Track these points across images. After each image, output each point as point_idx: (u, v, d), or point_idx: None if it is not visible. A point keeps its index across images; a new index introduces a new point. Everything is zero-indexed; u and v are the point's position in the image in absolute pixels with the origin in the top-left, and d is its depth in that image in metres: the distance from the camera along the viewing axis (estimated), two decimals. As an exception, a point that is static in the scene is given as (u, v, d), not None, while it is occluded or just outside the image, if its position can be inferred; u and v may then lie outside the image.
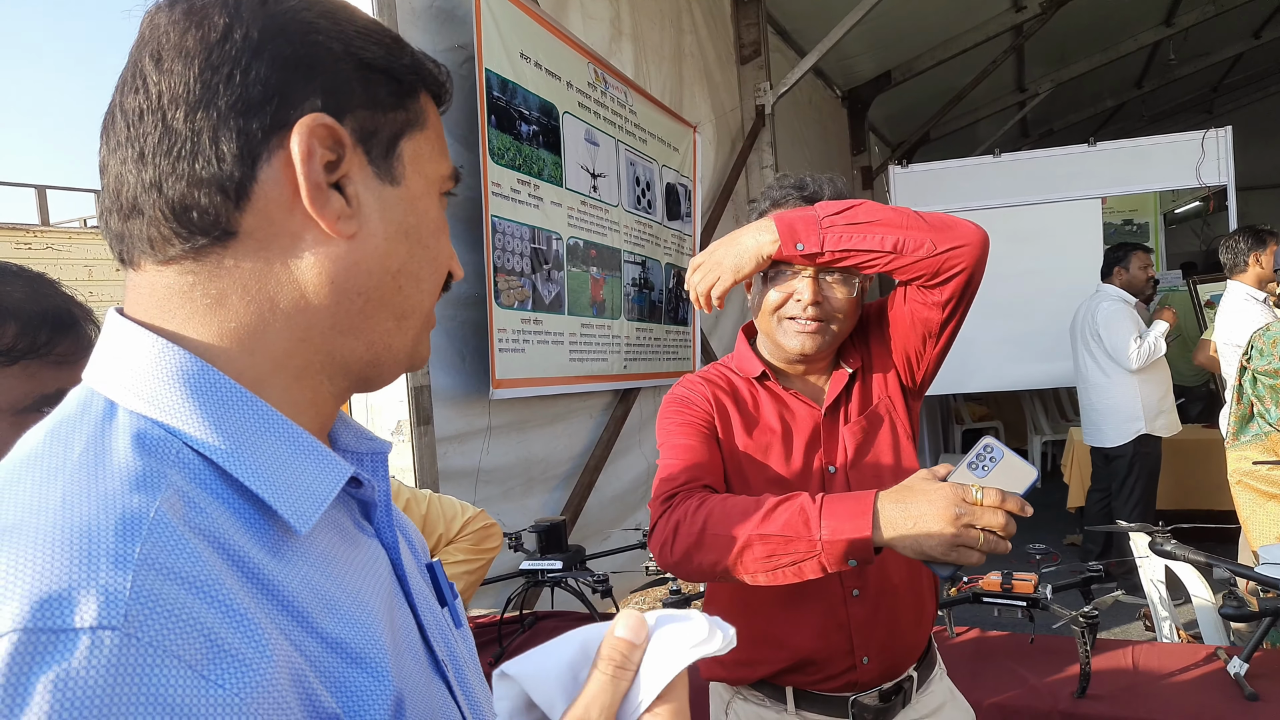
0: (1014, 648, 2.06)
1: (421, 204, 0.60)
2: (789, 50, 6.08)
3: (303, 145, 0.53)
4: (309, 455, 0.55)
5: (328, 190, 0.55)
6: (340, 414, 0.65)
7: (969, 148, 8.87)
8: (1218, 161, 5.54)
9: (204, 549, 0.47)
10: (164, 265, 0.55)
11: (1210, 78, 10.48)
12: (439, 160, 0.63)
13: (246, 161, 0.53)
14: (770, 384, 1.43)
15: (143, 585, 0.42)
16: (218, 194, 0.53)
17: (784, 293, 1.36)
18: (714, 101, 4.95)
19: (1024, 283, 5.68)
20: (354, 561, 0.59)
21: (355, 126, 0.56)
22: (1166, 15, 7.59)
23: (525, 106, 3.02)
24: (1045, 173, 5.86)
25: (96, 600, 0.41)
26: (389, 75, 0.59)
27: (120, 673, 0.40)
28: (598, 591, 2.23)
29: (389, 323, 0.59)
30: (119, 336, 0.54)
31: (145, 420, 0.51)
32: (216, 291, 0.54)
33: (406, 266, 0.59)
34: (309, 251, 0.55)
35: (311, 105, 0.54)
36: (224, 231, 0.54)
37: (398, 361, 0.62)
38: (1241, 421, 3.08)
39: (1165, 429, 4.48)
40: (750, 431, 1.40)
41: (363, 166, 0.57)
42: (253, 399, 0.54)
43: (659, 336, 4.13)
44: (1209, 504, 4.78)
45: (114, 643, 0.40)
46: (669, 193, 4.24)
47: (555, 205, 3.22)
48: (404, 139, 0.60)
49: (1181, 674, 1.82)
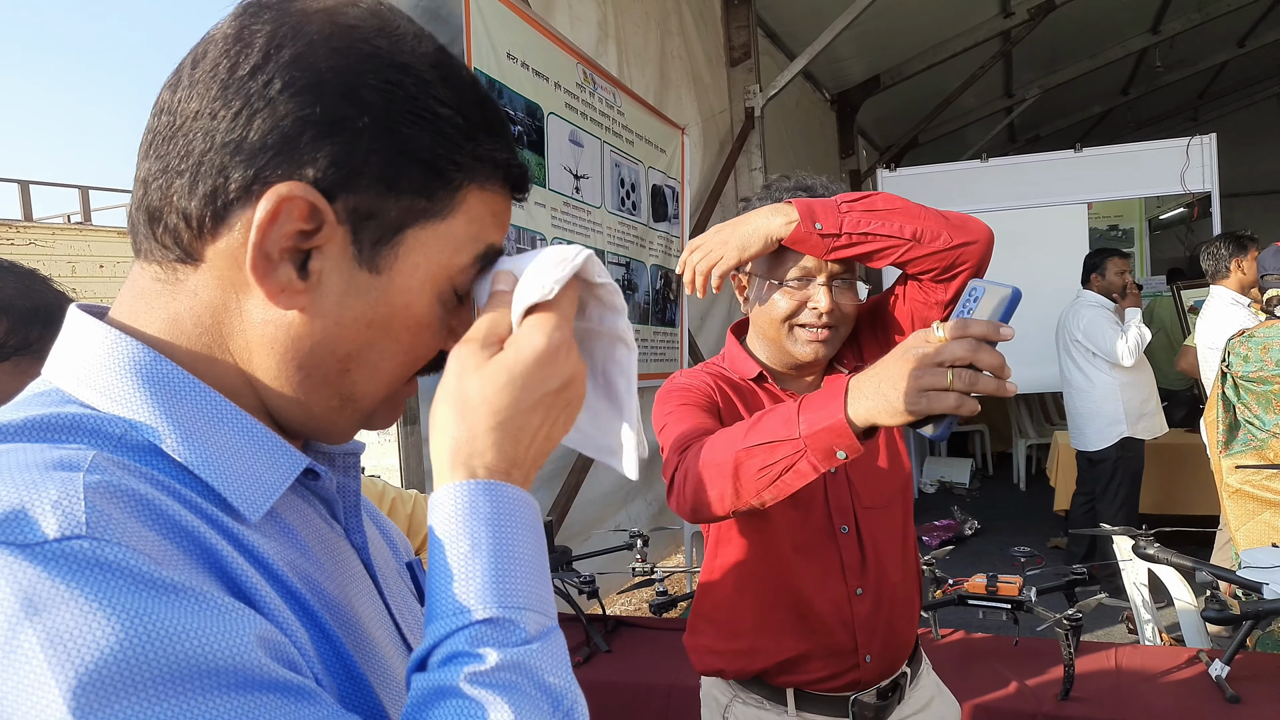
0: (999, 650, 2.06)
1: (403, 298, 0.55)
2: (778, 53, 6.09)
3: (266, 212, 0.50)
4: (260, 445, 0.54)
5: (280, 260, 0.51)
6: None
7: (957, 152, 8.92)
8: (1202, 168, 5.58)
9: (147, 485, 0.47)
10: (145, 264, 0.54)
11: (1195, 85, 10.57)
12: (456, 251, 0.56)
13: (217, 202, 0.51)
14: (768, 385, 1.42)
15: (94, 502, 0.43)
16: (181, 219, 0.51)
17: (798, 301, 1.33)
18: (702, 103, 4.95)
19: (1010, 287, 5.69)
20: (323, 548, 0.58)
21: (350, 206, 0.52)
22: (1153, 23, 7.65)
23: (511, 107, 3.02)
24: (1032, 178, 5.89)
25: (54, 515, 0.41)
26: (424, 166, 0.53)
27: (99, 571, 0.41)
28: (584, 592, 2.22)
29: (332, 401, 0.56)
30: (75, 329, 0.54)
31: (91, 407, 0.51)
32: (174, 310, 0.53)
33: (361, 354, 0.55)
34: (258, 309, 0.52)
35: (304, 174, 0.50)
36: (186, 254, 0.52)
37: (342, 433, 0.59)
38: (1230, 429, 3.09)
39: (1148, 431, 4.51)
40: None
41: (342, 245, 0.52)
42: (203, 389, 0.53)
43: (646, 338, 4.13)
44: (1192, 508, 4.81)
45: (84, 548, 0.41)
46: (655, 194, 4.24)
47: (539, 206, 3.22)
48: (411, 228, 0.54)
49: (1164, 676, 1.83)
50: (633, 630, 2.36)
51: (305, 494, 0.60)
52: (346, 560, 0.61)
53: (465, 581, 0.50)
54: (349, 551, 0.62)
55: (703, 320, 5.01)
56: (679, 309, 4.46)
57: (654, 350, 4.21)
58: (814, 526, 1.36)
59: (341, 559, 0.60)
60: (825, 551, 1.36)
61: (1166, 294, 6.76)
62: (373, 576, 0.63)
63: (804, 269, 1.32)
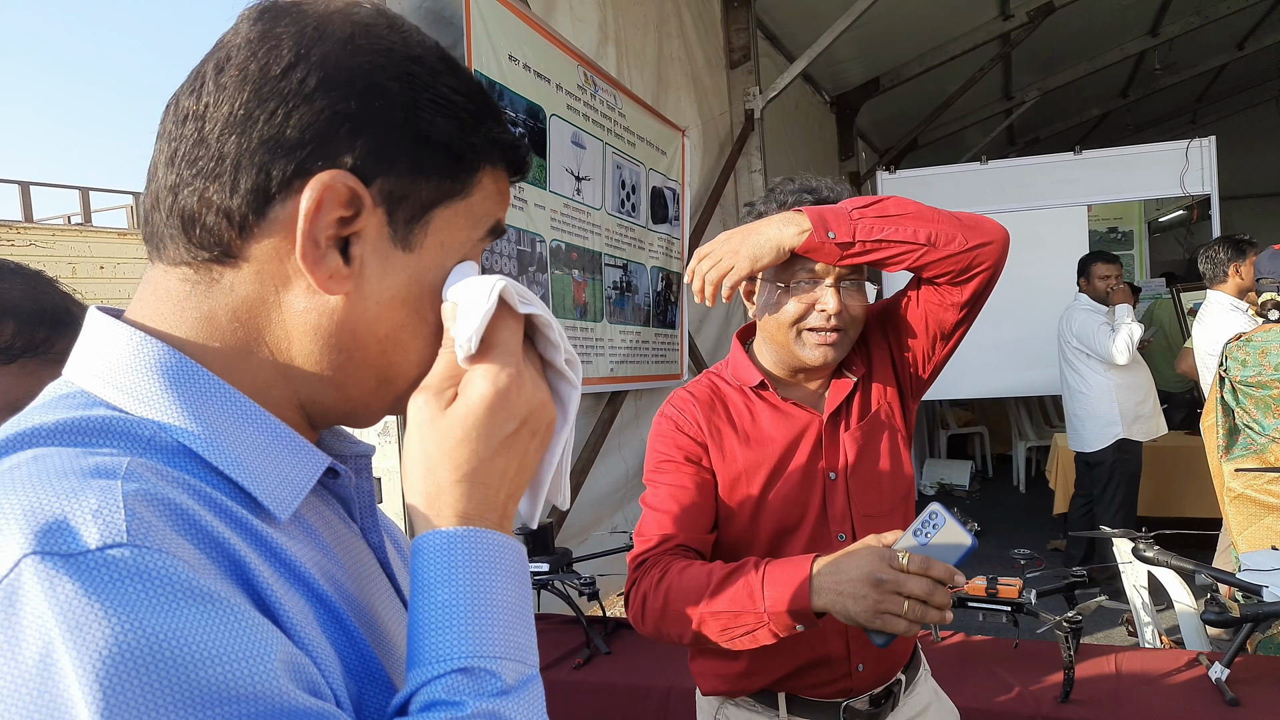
0: (998, 652, 2.06)
1: (431, 275, 0.58)
2: (778, 55, 6.10)
3: (312, 200, 0.52)
4: (285, 445, 0.55)
5: (325, 248, 0.54)
6: None
7: (956, 154, 8.92)
8: (1202, 171, 5.59)
9: (183, 492, 0.48)
10: (170, 266, 0.55)
11: (1194, 88, 10.58)
12: (474, 226, 0.60)
13: (260, 198, 0.53)
14: (767, 394, 1.41)
15: (133, 510, 0.43)
16: (223, 219, 0.53)
17: (805, 304, 1.32)
18: (702, 106, 4.96)
19: (1010, 289, 5.64)
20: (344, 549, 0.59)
21: (386, 190, 0.55)
22: (1152, 25, 7.66)
23: (512, 109, 3.02)
24: (1032, 180, 5.90)
25: (95, 524, 0.42)
26: (447, 150, 0.57)
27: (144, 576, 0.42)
28: (584, 594, 2.22)
29: (370, 383, 0.58)
30: (97, 331, 0.55)
31: (120, 410, 0.51)
32: (209, 308, 0.54)
33: (396, 334, 0.57)
34: (300, 298, 0.54)
35: (342, 162, 0.53)
36: (224, 253, 0.54)
37: (376, 415, 0.61)
38: (1230, 434, 3.09)
39: (1145, 434, 4.52)
40: (748, 445, 1.38)
41: (380, 228, 0.55)
42: (229, 390, 0.54)
43: (646, 340, 4.13)
44: (1191, 510, 4.81)
45: (128, 555, 0.42)
46: (655, 196, 4.24)
47: (539, 208, 3.22)
48: (439, 208, 0.58)
49: (1163, 679, 1.83)
50: (632, 632, 2.36)
51: (324, 494, 0.62)
52: (364, 559, 0.62)
53: (444, 630, 0.52)
54: (366, 551, 0.63)
55: (702, 322, 5.01)
56: (679, 311, 4.46)
57: (655, 352, 4.21)
58: (810, 535, 1.36)
59: (359, 558, 0.61)
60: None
61: (1166, 296, 6.77)
62: (389, 574, 0.64)
63: (811, 272, 1.32)
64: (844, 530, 1.37)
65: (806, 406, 1.40)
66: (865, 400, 1.43)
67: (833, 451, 1.39)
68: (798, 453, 1.38)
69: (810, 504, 1.36)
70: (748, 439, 1.38)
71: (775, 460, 1.37)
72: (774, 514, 1.36)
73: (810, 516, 1.36)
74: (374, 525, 0.65)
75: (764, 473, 1.36)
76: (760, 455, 1.37)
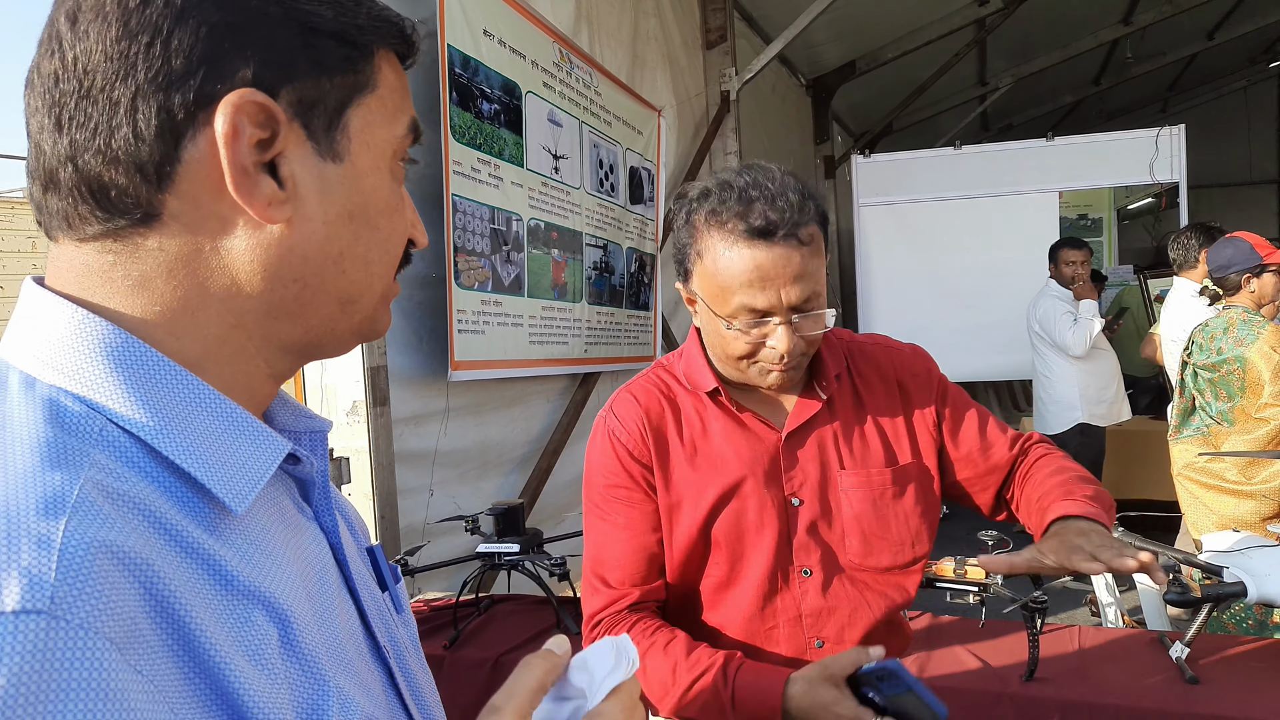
0: (965, 631, 2.09)
1: (369, 180, 0.55)
2: (755, 37, 6.07)
3: (227, 125, 0.48)
4: (243, 432, 0.52)
5: (256, 173, 0.50)
6: (279, 391, 0.62)
7: (930, 140, 8.95)
8: (1171, 159, 5.65)
9: (135, 525, 0.44)
10: (81, 243, 0.51)
11: (1165, 77, 10.69)
12: (392, 122, 0.57)
13: (168, 140, 0.48)
14: (723, 400, 1.27)
15: (68, 566, 0.40)
16: (136, 174, 0.49)
17: (754, 341, 1.18)
18: (678, 86, 4.93)
19: (981, 275, 5.76)
20: (292, 545, 0.56)
21: (294, 99, 0.51)
22: (1125, 14, 7.72)
23: (487, 84, 2.98)
24: (1005, 166, 5.94)
25: (19, 583, 0.38)
26: (339, 39, 0.53)
27: (49, 658, 0.37)
28: (555, 575, 2.22)
29: (331, 308, 0.55)
30: (35, 306, 0.51)
31: (65, 394, 0.47)
32: (139, 273, 0.50)
33: (351, 250, 0.55)
34: (240, 237, 0.51)
35: (242, 78, 0.49)
36: (146, 214, 0.50)
37: (343, 341, 0.58)
38: (1184, 415, 3.17)
39: (1107, 419, 4.59)
40: (694, 461, 1.25)
41: (300, 143, 0.52)
42: (182, 373, 0.50)
43: (620, 321, 4.11)
44: (1154, 494, 4.90)
45: (40, 626, 0.38)
46: (632, 176, 4.22)
47: (516, 186, 3.19)
48: (352, 107, 0.54)
49: (1125, 658, 1.86)
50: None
51: (280, 475, 0.58)
52: (315, 549, 0.59)
53: None
54: (318, 537, 0.60)
55: (677, 305, 5.00)
56: (653, 293, 4.45)
57: (628, 334, 4.20)
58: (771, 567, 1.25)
59: (310, 548, 0.58)
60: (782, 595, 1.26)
61: (1132, 283, 6.86)
62: (340, 562, 0.61)
63: (754, 311, 1.16)
64: (809, 565, 1.25)
65: (766, 420, 1.27)
66: (859, 426, 1.29)
67: (792, 475, 1.25)
68: (754, 473, 1.24)
69: (765, 532, 1.24)
70: (695, 452, 1.25)
71: (728, 479, 1.24)
72: (728, 540, 1.24)
73: (766, 545, 1.24)
74: (328, 508, 0.61)
75: (715, 492, 1.23)
76: (710, 473, 1.24)
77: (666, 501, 1.25)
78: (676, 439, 1.27)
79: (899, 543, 1.28)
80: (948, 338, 5.83)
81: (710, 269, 1.18)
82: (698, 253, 1.20)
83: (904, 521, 1.28)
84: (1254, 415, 2.89)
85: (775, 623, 1.26)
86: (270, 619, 0.48)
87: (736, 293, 1.15)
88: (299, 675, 0.49)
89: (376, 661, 0.61)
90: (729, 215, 1.15)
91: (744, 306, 1.16)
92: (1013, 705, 1.76)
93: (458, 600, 2.33)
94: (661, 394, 1.30)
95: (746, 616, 1.26)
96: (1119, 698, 1.71)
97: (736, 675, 1.13)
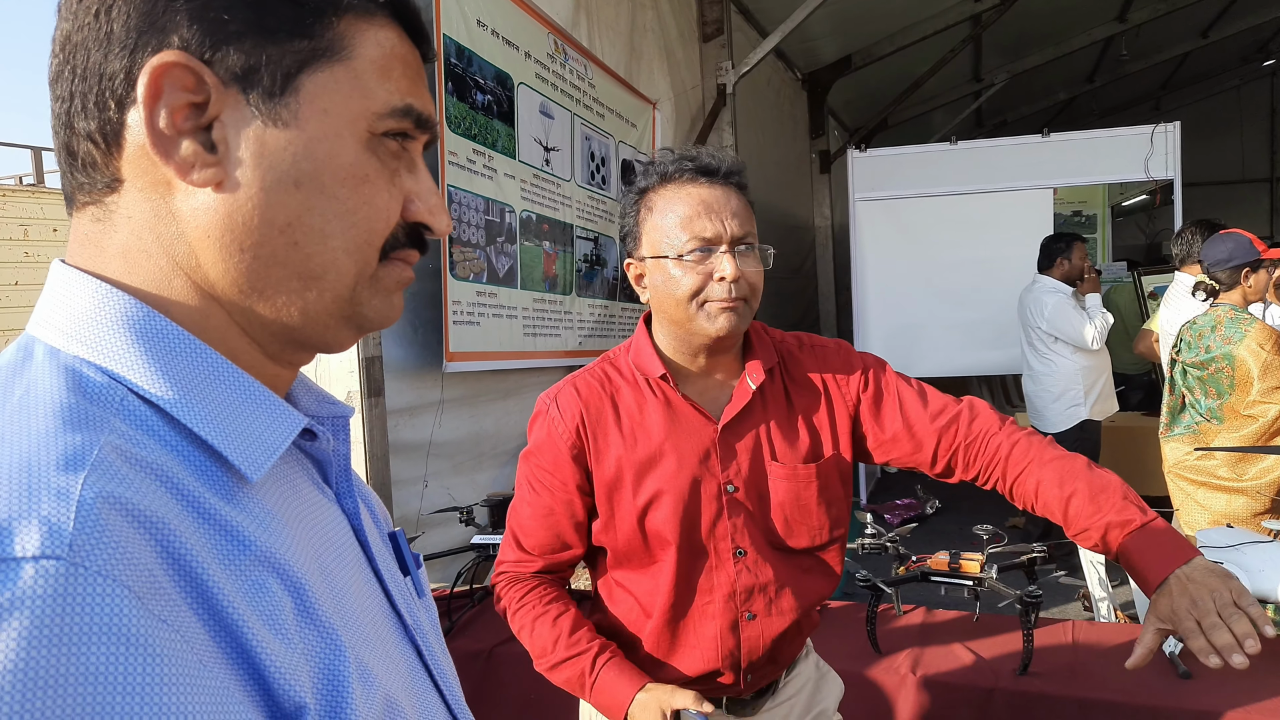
0: (959, 626, 2.09)
1: (324, 147, 0.53)
2: (751, 30, 6.06)
3: (146, 89, 0.49)
4: (260, 404, 0.53)
5: (175, 137, 0.50)
6: (301, 376, 0.62)
7: (924, 136, 8.97)
8: (1165, 156, 5.65)
9: (152, 487, 0.44)
10: (81, 210, 0.54)
11: (1159, 75, 10.72)
12: (370, 96, 0.54)
13: (110, 106, 0.50)
14: (667, 388, 1.34)
15: (86, 517, 0.40)
16: (88, 140, 0.51)
17: (702, 274, 1.25)
18: (675, 79, 4.91)
19: (975, 270, 5.75)
20: (310, 521, 0.56)
21: (231, 63, 0.51)
22: (1120, 11, 7.73)
23: (481, 75, 2.96)
24: (999, 162, 5.93)
25: (38, 531, 0.39)
26: (288, 0, 0.52)
27: (69, 600, 0.38)
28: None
29: (293, 283, 0.54)
30: (60, 282, 0.52)
31: (87, 365, 0.49)
32: (120, 242, 0.52)
33: (301, 220, 0.52)
34: (182, 202, 0.52)
35: (169, 42, 0.50)
36: (107, 178, 0.52)
37: (325, 325, 0.56)
38: (1174, 412, 3.18)
39: (1102, 413, 4.60)
40: (634, 449, 1.32)
41: (238, 107, 0.51)
42: (199, 345, 0.52)
43: (614, 314, 4.11)
44: (1146, 489, 4.87)
45: (59, 571, 0.38)
46: (624, 169, 4.21)
47: (509, 177, 3.18)
48: (305, 72, 0.52)
49: (1119, 652, 1.87)
50: (593, 602, 2.36)
51: (298, 456, 0.59)
52: (336, 528, 0.59)
53: None
54: (339, 518, 0.60)
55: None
56: (647, 285, 4.45)
57: (621, 326, 4.19)
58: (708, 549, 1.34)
59: (331, 527, 0.58)
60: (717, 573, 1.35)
61: (1127, 281, 6.88)
62: (363, 543, 0.62)
63: (701, 239, 1.25)
64: (744, 546, 1.34)
65: (704, 410, 1.34)
66: (788, 422, 1.37)
67: (730, 462, 1.33)
68: (689, 459, 1.32)
69: (703, 515, 1.32)
70: (635, 442, 1.32)
71: (666, 465, 1.31)
72: (666, 523, 1.31)
73: (703, 528, 1.32)
74: (349, 490, 0.62)
75: (655, 479, 1.31)
76: (649, 461, 1.32)
77: (605, 483, 1.34)
78: (615, 428, 1.34)
79: (817, 527, 1.38)
80: (939, 333, 5.84)
81: (660, 217, 1.29)
82: (648, 209, 1.31)
83: (824, 509, 1.38)
84: (1243, 412, 2.90)
85: (710, 598, 1.35)
86: (285, 587, 0.49)
87: (686, 226, 1.26)
88: (316, 642, 0.49)
89: (406, 641, 0.62)
90: (675, 168, 1.30)
91: (693, 236, 1.25)
92: (1006, 700, 1.77)
93: (451, 591, 2.32)
94: (602, 386, 1.37)
95: (681, 590, 1.34)
96: (1112, 692, 1.72)
97: (603, 668, 1.29)
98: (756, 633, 1.35)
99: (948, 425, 1.38)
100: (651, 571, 1.36)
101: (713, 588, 1.34)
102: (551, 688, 1.37)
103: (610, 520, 1.35)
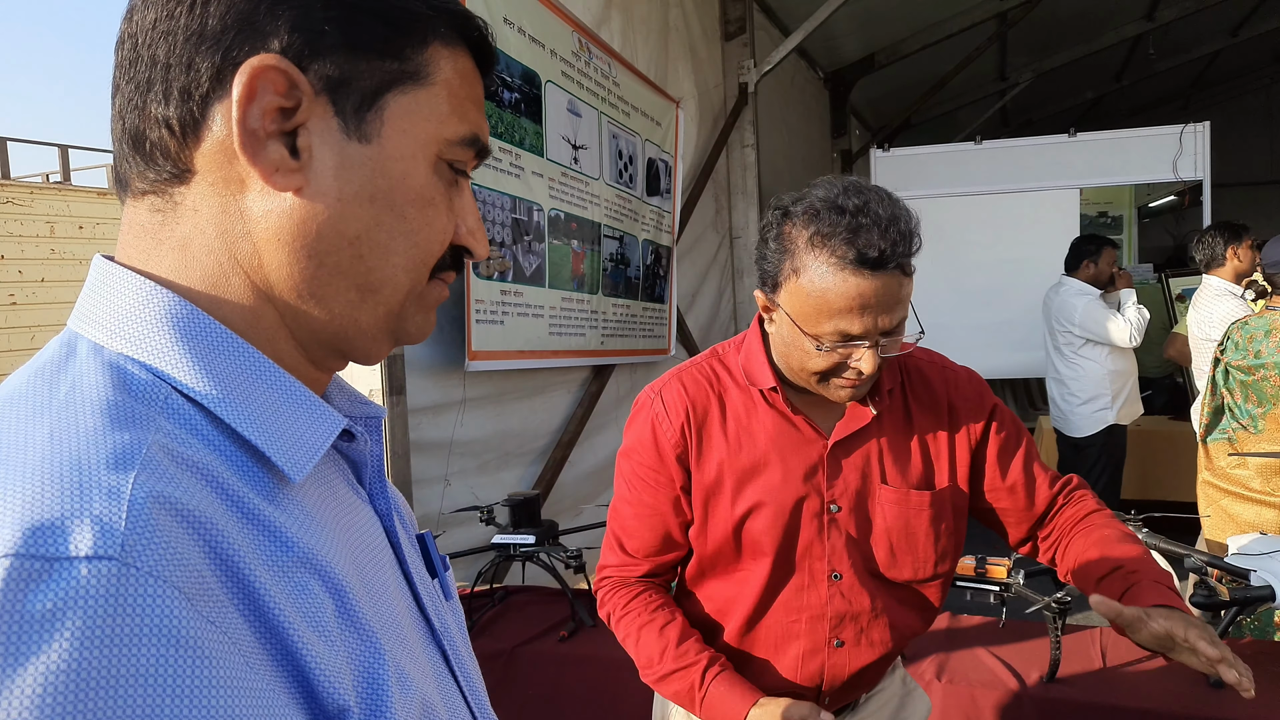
0: (985, 632, 2.07)
1: (400, 166, 0.54)
2: (773, 29, 6.03)
3: (243, 88, 0.50)
4: (301, 404, 0.53)
5: (265, 139, 0.51)
6: (335, 376, 0.63)
7: (948, 135, 8.88)
8: (1195, 156, 5.58)
9: (199, 487, 0.45)
10: (138, 199, 0.53)
11: (1188, 74, 10.58)
12: (445, 122, 0.56)
13: (194, 98, 0.50)
14: (778, 400, 1.27)
15: (137, 516, 0.40)
16: (164, 128, 0.51)
17: (838, 359, 1.16)
18: (697, 77, 4.90)
19: (1001, 271, 5.71)
20: (346, 523, 0.57)
21: (325, 73, 0.52)
22: (1148, 10, 7.63)
23: (508, 73, 2.96)
24: (1025, 161, 5.88)
25: (91, 530, 0.39)
26: (384, 20, 0.53)
27: (122, 601, 0.38)
28: (570, 567, 2.21)
29: (350, 294, 0.55)
30: (103, 279, 0.52)
31: (132, 363, 0.49)
32: (181, 235, 0.52)
33: (369, 234, 0.54)
34: (256, 201, 0.52)
35: (269, 45, 0.50)
36: (178, 168, 0.52)
37: (371, 337, 0.57)
38: (1214, 414, 3.11)
39: (1128, 416, 4.55)
40: (738, 456, 1.26)
41: (325, 117, 0.52)
42: (243, 345, 0.52)
43: (636, 313, 4.10)
44: (1173, 494, 4.86)
45: (112, 572, 0.38)
46: (650, 167, 4.20)
47: (536, 175, 3.17)
48: (391, 92, 0.54)
49: (1149, 661, 1.84)
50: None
51: (334, 456, 0.59)
52: (369, 529, 0.59)
53: None
54: (372, 519, 0.60)
55: (693, 298, 4.98)
56: (668, 285, 4.43)
57: (643, 326, 4.19)
58: (803, 566, 1.28)
59: (365, 528, 0.59)
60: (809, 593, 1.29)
61: (1153, 282, 6.79)
62: (394, 544, 0.62)
63: (846, 335, 1.14)
64: (841, 570, 1.28)
65: (816, 426, 1.27)
66: (904, 443, 1.30)
67: (836, 482, 1.27)
68: (795, 474, 1.26)
69: (801, 533, 1.27)
70: (739, 445, 1.27)
71: (769, 476, 1.25)
72: (763, 536, 1.26)
73: (800, 546, 1.27)
74: (382, 491, 0.63)
75: (755, 489, 1.25)
76: (752, 470, 1.26)
77: (703, 486, 1.28)
78: (720, 433, 1.28)
79: (923, 560, 1.30)
80: (965, 334, 5.78)
81: (806, 289, 1.14)
82: (794, 269, 1.16)
83: (932, 542, 1.30)
84: (1285, 426, 2.83)
85: (798, 618, 1.29)
86: (326, 589, 0.49)
87: (833, 317, 1.13)
88: (357, 644, 0.50)
89: (433, 645, 0.62)
90: (838, 241, 1.12)
91: (838, 331, 1.14)
92: (1034, 706, 1.75)
93: (472, 591, 2.32)
94: (710, 386, 1.30)
95: (765, 604, 1.29)
96: (1142, 701, 1.69)
97: (713, 681, 1.23)
98: (843, 661, 1.30)
99: (1060, 491, 1.35)
100: (737, 580, 1.30)
101: (801, 608, 1.28)
102: (571, 689, 1.37)
103: (703, 526, 1.28)
